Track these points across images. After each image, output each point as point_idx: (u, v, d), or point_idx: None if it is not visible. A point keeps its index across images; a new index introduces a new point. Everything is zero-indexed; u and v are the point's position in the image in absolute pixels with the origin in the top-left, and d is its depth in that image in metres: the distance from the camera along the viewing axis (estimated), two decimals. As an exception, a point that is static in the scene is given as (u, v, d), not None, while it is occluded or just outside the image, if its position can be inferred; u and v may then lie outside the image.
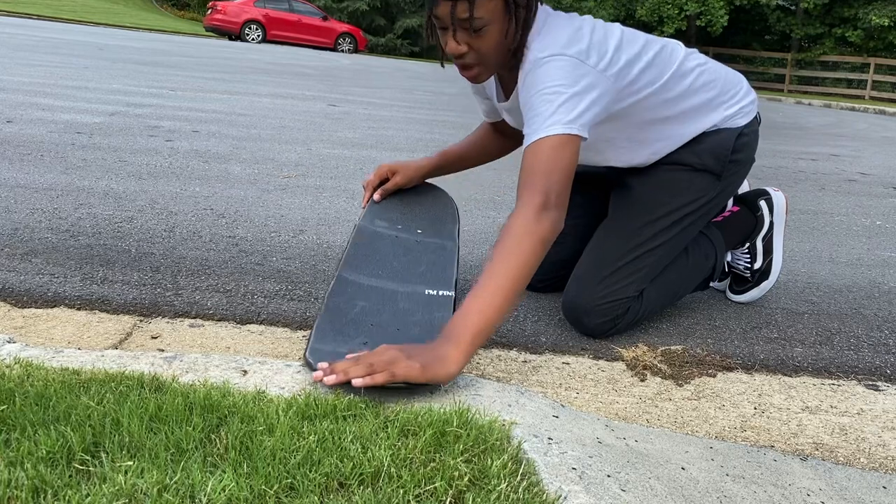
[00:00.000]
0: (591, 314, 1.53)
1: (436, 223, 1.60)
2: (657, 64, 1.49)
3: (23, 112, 3.78)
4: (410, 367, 1.07)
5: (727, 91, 1.60)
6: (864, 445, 1.24)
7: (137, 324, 1.46)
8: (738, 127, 1.60)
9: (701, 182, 1.59)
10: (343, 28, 19.43)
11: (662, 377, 1.43)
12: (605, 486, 0.89)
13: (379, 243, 1.49)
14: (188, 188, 2.56)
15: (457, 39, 1.34)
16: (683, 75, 1.53)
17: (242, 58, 10.30)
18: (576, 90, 1.30)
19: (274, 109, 5.02)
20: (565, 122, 1.27)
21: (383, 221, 1.56)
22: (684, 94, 1.53)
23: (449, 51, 1.37)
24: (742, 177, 1.68)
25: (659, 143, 1.58)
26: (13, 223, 1.97)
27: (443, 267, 1.45)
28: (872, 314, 1.89)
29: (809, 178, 4.24)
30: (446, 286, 1.39)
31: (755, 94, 1.68)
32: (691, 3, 19.42)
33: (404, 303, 1.33)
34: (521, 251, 1.20)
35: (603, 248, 1.57)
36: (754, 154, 1.68)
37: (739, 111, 1.60)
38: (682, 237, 1.60)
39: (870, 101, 17.89)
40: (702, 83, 1.55)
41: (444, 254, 1.50)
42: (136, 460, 0.82)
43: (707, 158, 1.58)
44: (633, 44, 1.46)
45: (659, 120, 1.54)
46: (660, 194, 1.58)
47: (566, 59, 1.32)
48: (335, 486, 0.82)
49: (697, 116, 1.57)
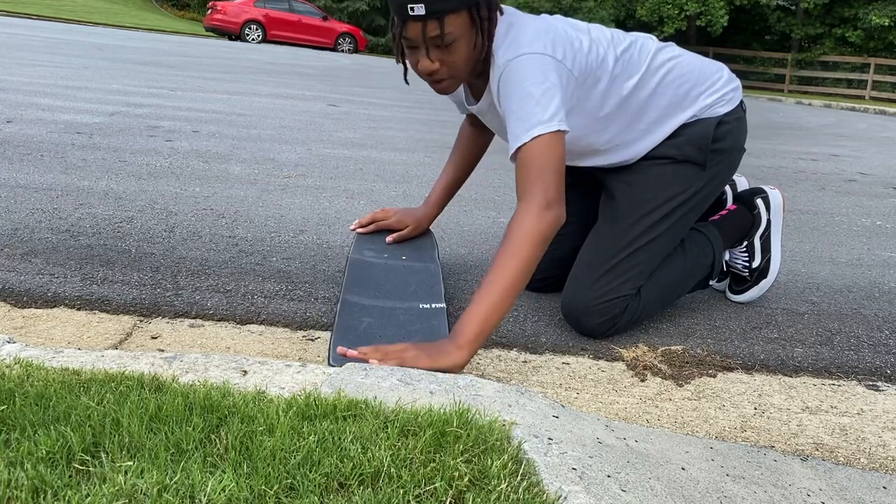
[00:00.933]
0: (588, 314, 1.53)
1: (417, 250, 1.76)
2: (625, 60, 1.52)
3: (23, 112, 3.78)
4: (418, 357, 1.21)
5: (703, 81, 1.60)
6: (864, 446, 1.24)
7: (137, 324, 1.46)
8: (718, 115, 1.60)
9: (685, 173, 1.59)
10: (343, 28, 19.43)
11: (662, 377, 1.43)
12: (605, 487, 0.89)
13: (370, 270, 1.63)
14: (188, 188, 2.56)
15: (430, 57, 1.38)
16: (654, 71, 1.55)
17: (242, 58, 10.31)
18: (546, 86, 1.35)
19: (274, 109, 5.02)
20: (545, 121, 1.33)
21: (371, 252, 1.72)
22: (655, 92, 1.55)
23: (421, 68, 1.42)
24: (732, 166, 1.67)
25: (637, 144, 1.60)
26: (13, 223, 1.97)
27: (430, 284, 1.59)
28: (873, 314, 1.89)
29: (809, 178, 4.24)
30: (437, 300, 1.53)
31: (738, 81, 1.67)
32: (691, 3, 19.41)
33: (403, 316, 1.46)
34: (522, 256, 1.29)
35: (596, 248, 1.58)
36: (742, 143, 1.67)
37: (719, 100, 1.60)
38: (675, 231, 1.60)
39: (870, 102, 17.89)
40: (673, 77, 1.56)
41: (429, 274, 1.64)
42: (136, 460, 0.82)
43: (687, 149, 1.59)
44: (600, 41, 1.50)
45: (633, 119, 1.56)
46: (646, 191, 1.59)
47: (530, 56, 1.36)
48: (335, 487, 0.82)
49: (672, 112, 1.58)
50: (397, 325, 1.42)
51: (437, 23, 1.33)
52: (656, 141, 1.60)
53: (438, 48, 1.37)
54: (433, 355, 1.22)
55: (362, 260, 1.67)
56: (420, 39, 1.36)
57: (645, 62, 1.54)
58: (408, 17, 1.34)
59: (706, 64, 1.64)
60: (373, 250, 1.72)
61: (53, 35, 10.70)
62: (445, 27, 1.34)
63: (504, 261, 1.28)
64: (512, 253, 1.28)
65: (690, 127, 1.59)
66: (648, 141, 1.60)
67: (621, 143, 1.59)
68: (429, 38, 1.35)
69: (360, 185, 2.90)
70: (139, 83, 5.66)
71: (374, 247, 1.74)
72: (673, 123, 1.59)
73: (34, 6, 18.02)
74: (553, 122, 1.33)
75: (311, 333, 1.48)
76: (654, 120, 1.57)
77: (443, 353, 1.23)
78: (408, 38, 1.38)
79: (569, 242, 1.73)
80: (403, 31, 1.37)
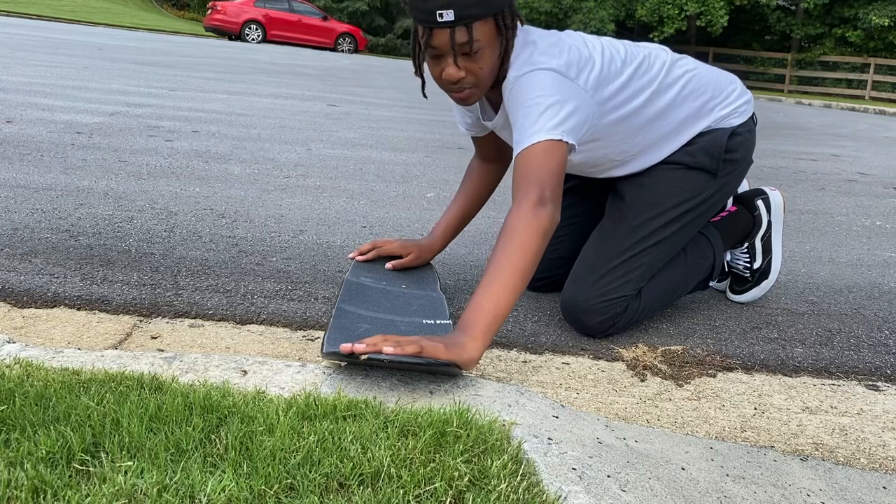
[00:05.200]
0: (588, 313, 1.53)
1: (418, 280, 1.66)
2: (639, 77, 1.51)
3: (23, 112, 3.78)
4: (436, 346, 1.12)
5: (719, 94, 1.61)
6: (864, 446, 1.24)
7: (137, 324, 1.46)
8: (732, 126, 1.61)
9: (696, 180, 1.59)
10: (343, 28, 19.42)
11: (662, 377, 1.43)
12: (605, 487, 0.89)
13: (368, 293, 1.53)
14: (188, 188, 2.56)
15: (458, 65, 1.35)
16: (669, 86, 1.54)
17: (242, 58, 10.30)
18: (555, 99, 1.33)
19: (274, 109, 5.02)
20: (548, 128, 1.31)
21: (368, 278, 1.61)
22: (672, 105, 1.55)
23: (447, 77, 1.37)
24: (740, 177, 1.68)
25: (652, 154, 1.59)
26: (13, 223, 1.97)
27: (434, 307, 1.49)
28: (872, 314, 1.89)
29: (809, 178, 4.24)
30: (442, 317, 1.43)
31: (750, 94, 1.68)
32: (691, 3, 19.40)
33: (405, 328, 1.37)
34: (523, 243, 1.24)
35: (599, 247, 1.58)
36: (751, 154, 1.68)
37: (733, 112, 1.61)
38: (680, 236, 1.60)
39: (870, 102, 17.89)
40: (690, 90, 1.56)
41: (431, 299, 1.53)
42: (136, 460, 0.82)
43: (700, 156, 1.58)
44: (614, 59, 1.48)
45: (649, 133, 1.55)
46: (655, 194, 1.59)
47: (543, 72, 1.36)
48: (335, 487, 0.82)
49: (688, 124, 1.58)
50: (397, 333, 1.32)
51: (466, 29, 1.31)
52: (671, 150, 1.60)
53: (465, 56, 1.35)
54: (449, 347, 1.14)
55: (359, 283, 1.57)
56: (448, 47, 1.33)
57: (659, 76, 1.53)
58: (436, 24, 1.31)
59: (721, 76, 1.65)
60: (370, 277, 1.63)
61: (53, 35, 10.69)
62: (474, 34, 1.32)
63: (506, 252, 1.23)
64: (514, 244, 1.23)
65: (704, 136, 1.59)
66: (664, 151, 1.60)
67: (637, 154, 1.59)
68: (457, 45, 1.32)
69: (360, 185, 2.90)
70: (139, 83, 5.66)
71: (372, 274, 1.64)
72: (688, 135, 1.59)
73: (34, 6, 18.01)
74: (557, 130, 1.31)
75: (311, 333, 1.48)
76: (669, 132, 1.57)
77: (458, 345, 1.15)
78: (434, 47, 1.35)
79: (570, 243, 1.74)
80: (430, 40, 1.34)
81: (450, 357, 1.12)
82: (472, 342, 1.16)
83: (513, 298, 1.22)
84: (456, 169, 3.49)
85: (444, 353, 1.12)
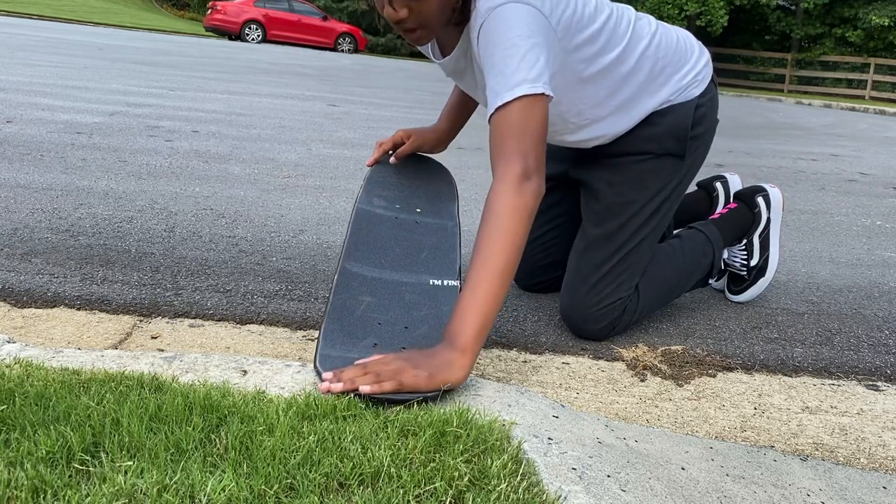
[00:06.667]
0: (587, 321, 1.52)
1: (435, 201, 1.56)
2: (609, 29, 1.41)
3: (23, 112, 3.78)
4: (418, 377, 1.06)
5: (679, 59, 1.52)
6: (864, 445, 1.24)
7: (137, 324, 1.46)
8: (694, 98, 1.53)
9: (665, 167, 1.54)
10: (343, 28, 19.44)
11: (662, 377, 1.43)
12: (605, 487, 0.89)
13: (378, 228, 1.45)
14: (188, 188, 2.56)
15: (394, 6, 1.23)
16: (636, 43, 1.46)
17: (242, 58, 10.30)
18: (533, 42, 1.20)
19: (274, 109, 5.02)
20: (530, 79, 1.18)
21: (382, 201, 1.53)
22: (637, 65, 1.46)
23: (387, 17, 1.25)
24: (707, 145, 1.60)
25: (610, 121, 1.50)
26: (13, 223, 1.97)
27: (445, 251, 1.42)
28: (872, 314, 1.89)
29: (809, 178, 4.24)
30: (450, 274, 1.36)
31: (707, 53, 1.60)
32: (691, 3, 19.42)
33: (410, 295, 1.30)
34: (509, 229, 1.14)
35: (585, 255, 1.54)
36: (715, 117, 1.60)
37: (693, 80, 1.53)
38: (661, 225, 1.57)
39: (870, 101, 17.90)
40: (653, 51, 1.48)
41: (445, 235, 1.46)
42: (135, 460, 0.82)
43: (667, 142, 1.52)
44: (587, 4, 1.38)
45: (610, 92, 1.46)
46: (629, 191, 1.53)
47: (520, 5, 1.22)
48: (335, 487, 0.82)
49: (648, 88, 1.49)
50: (401, 307, 1.29)
51: None
52: (628, 125, 1.51)
53: None
54: (433, 370, 1.07)
55: (371, 212, 1.48)
56: None
57: (627, 33, 1.45)
58: None
59: (683, 36, 1.56)
60: (384, 198, 1.53)
61: (53, 35, 10.69)
62: None
63: (491, 242, 1.13)
64: (498, 232, 1.13)
65: (667, 116, 1.51)
66: (621, 123, 1.51)
67: (593, 119, 1.49)
68: None
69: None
70: (139, 83, 5.66)
71: (385, 193, 1.54)
72: (646, 106, 1.50)
73: (34, 6, 18.01)
74: (538, 83, 1.18)
75: (311, 333, 1.48)
76: (628, 97, 1.48)
77: (443, 364, 1.08)
78: None
79: (562, 243, 1.72)
80: None
81: (433, 387, 1.06)
82: (461, 358, 1.09)
83: (502, 295, 1.14)
84: (456, 169, 3.48)
85: (426, 384, 1.06)
